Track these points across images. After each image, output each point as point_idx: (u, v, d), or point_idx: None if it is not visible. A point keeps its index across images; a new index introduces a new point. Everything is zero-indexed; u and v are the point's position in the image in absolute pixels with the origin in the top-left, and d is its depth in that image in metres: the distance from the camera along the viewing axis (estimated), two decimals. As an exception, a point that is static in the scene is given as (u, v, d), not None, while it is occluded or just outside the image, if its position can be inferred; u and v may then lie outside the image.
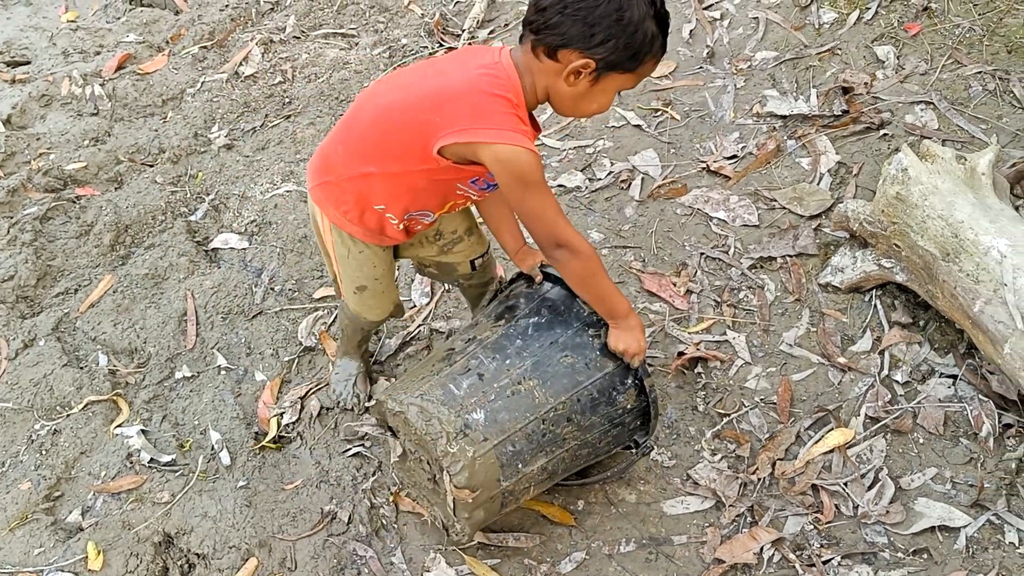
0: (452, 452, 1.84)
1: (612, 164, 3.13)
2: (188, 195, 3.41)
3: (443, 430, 1.85)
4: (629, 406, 2.04)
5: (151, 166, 3.57)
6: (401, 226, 1.99)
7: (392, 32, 4.05)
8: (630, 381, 2.02)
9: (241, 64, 4.03)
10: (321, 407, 2.55)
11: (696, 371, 2.51)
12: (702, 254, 2.78)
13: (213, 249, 3.18)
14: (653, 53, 1.69)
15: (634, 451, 2.12)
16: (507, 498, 1.97)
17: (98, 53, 4.26)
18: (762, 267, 2.72)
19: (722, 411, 2.41)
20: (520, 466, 1.92)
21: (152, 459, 2.50)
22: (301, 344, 2.75)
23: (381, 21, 4.14)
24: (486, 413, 1.89)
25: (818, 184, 2.87)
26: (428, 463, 1.99)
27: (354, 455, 2.44)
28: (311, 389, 2.62)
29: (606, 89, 1.72)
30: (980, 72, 2.93)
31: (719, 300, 2.66)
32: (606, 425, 2.03)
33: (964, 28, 3.08)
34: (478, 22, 3.93)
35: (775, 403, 2.40)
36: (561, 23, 1.62)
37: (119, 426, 2.60)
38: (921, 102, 2.94)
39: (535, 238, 1.82)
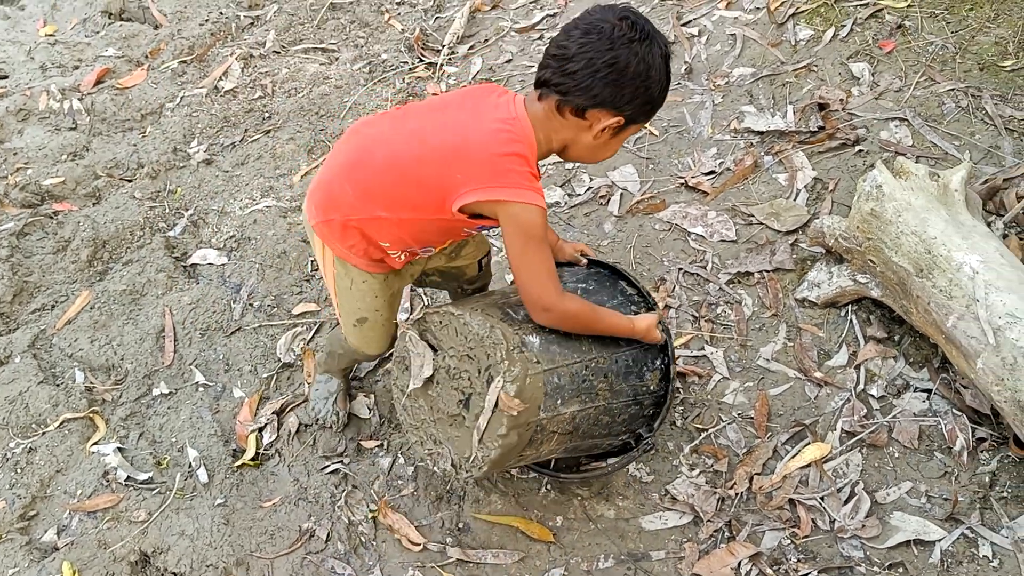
0: (509, 362, 1.81)
1: (591, 180, 3.15)
2: (167, 210, 3.40)
3: (503, 340, 1.82)
4: (652, 387, 2.12)
5: (129, 181, 3.56)
6: (402, 257, 2.02)
7: (372, 47, 4.06)
8: (659, 363, 2.12)
9: (221, 79, 4.02)
10: (300, 424, 2.55)
11: (674, 385, 2.51)
12: (680, 269, 2.80)
13: (192, 265, 3.16)
14: (660, 103, 1.80)
15: (636, 446, 2.15)
16: (535, 435, 1.91)
17: (76, 67, 4.24)
18: (739, 282, 2.74)
19: (700, 426, 2.42)
20: (558, 403, 1.91)
21: (129, 477, 2.48)
22: (280, 360, 2.74)
23: (361, 36, 4.15)
24: (540, 340, 1.91)
25: (795, 200, 2.89)
26: (470, 379, 1.89)
27: (332, 472, 2.43)
28: (289, 404, 2.61)
29: (622, 138, 1.82)
30: (953, 89, 2.96)
31: (697, 315, 2.68)
32: (630, 398, 2.07)
33: (937, 46, 3.12)
34: (458, 38, 3.95)
35: (752, 418, 2.41)
36: (592, 86, 1.66)
37: (95, 444, 2.59)
38: (895, 118, 2.97)
39: (523, 296, 1.83)
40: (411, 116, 1.85)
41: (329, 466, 2.44)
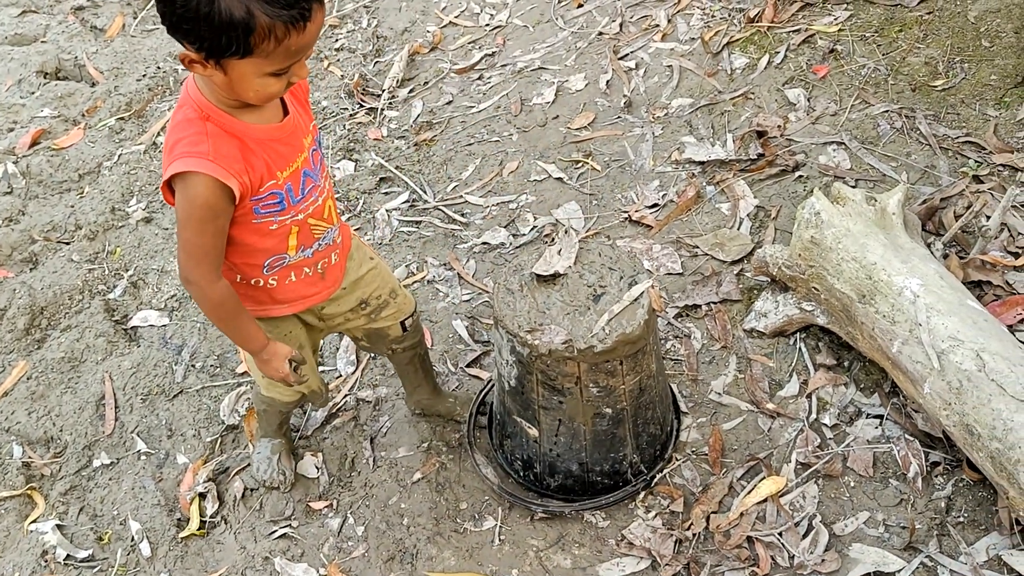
0: (649, 276, 2.12)
1: (535, 219, 3.12)
2: (106, 272, 3.32)
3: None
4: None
5: (67, 244, 3.47)
6: (273, 281, 1.89)
7: (312, 95, 4.02)
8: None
9: (159, 134, 3.96)
10: (245, 488, 2.47)
11: (627, 426, 2.48)
12: (628, 305, 2.77)
13: (132, 327, 3.08)
14: (262, 32, 1.46)
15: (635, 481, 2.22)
16: (640, 353, 2.07)
17: (11, 130, 4.16)
18: (688, 315, 2.72)
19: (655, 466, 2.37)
20: (653, 350, 2.16)
21: (68, 555, 2.39)
22: (223, 423, 2.67)
23: (301, 84, 4.11)
24: None
25: (738, 229, 2.89)
26: (606, 284, 2.06)
27: (280, 537, 2.35)
28: (233, 468, 2.53)
29: (243, 75, 1.53)
30: (887, 111, 2.99)
31: (647, 351, 2.65)
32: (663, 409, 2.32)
33: (869, 68, 3.15)
34: (398, 81, 3.93)
35: (707, 454, 2.38)
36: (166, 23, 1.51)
37: (33, 522, 2.49)
38: (833, 142, 2.98)
39: (179, 267, 1.76)
40: None
41: (276, 531, 2.36)
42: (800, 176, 2.93)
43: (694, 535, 2.20)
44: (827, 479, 2.26)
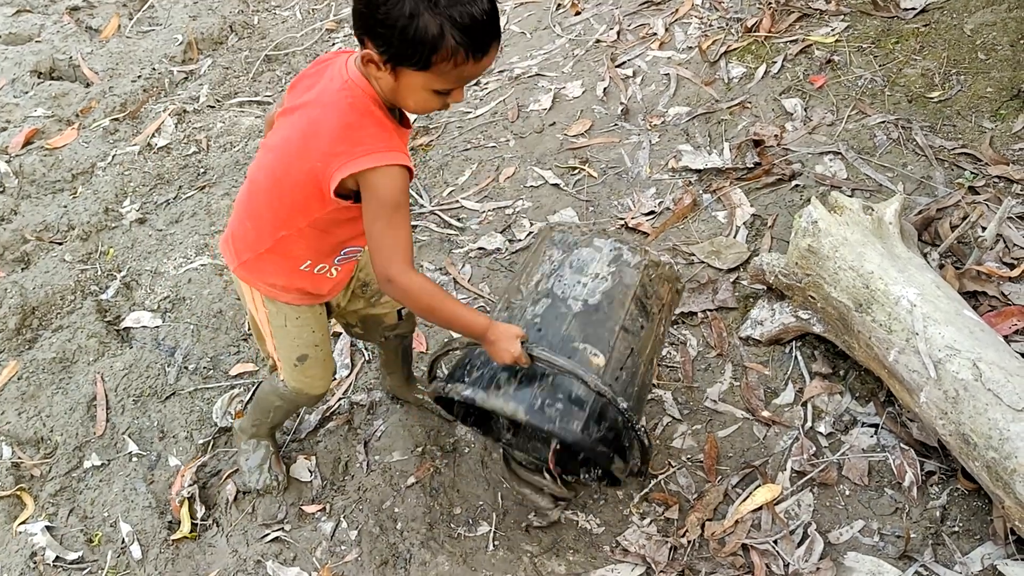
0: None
1: (531, 224, 3.12)
2: (99, 273, 3.30)
3: None
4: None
5: (60, 244, 3.45)
6: (335, 271, 1.96)
7: (308, 98, 4.01)
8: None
9: (154, 135, 3.95)
10: (237, 491, 2.45)
11: (622, 432, 2.47)
12: (624, 312, 2.77)
13: (124, 328, 3.06)
14: (445, 53, 1.54)
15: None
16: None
17: (4, 129, 4.13)
18: (683, 323, 2.72)
19: (650, 472, 2.37)
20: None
21: (58, 557, 2.36)
22: (216, 425, 2.65)
23: (297, 87, 4.10)
24: None
25: (734, 237, 2.89)
26: None
27: (273, 540, 2.33)
28: (225, 471, 2.51)
29: (411, 86, 1.61)
30: (884, 122, 3.00)
31: (642, 358, 2.64)
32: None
33: (866, 79, 3.16)
34: (395, 86, 3.92)
35: (702, 461, 2.37)
36: (354, 16, 1.60)
37: (23, 523, 2.46)
38: (829, 152, 2.99)
39: (372, 263, 1.74)
40: (276, 130, 1.84)
41: (268, 534, 2.35)
42: (797, 185, 2.94)
43: (689, 542, 2.19)
44: (822, 487, 2.25)
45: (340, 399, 2.67)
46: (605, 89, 3.56)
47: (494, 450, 2.45)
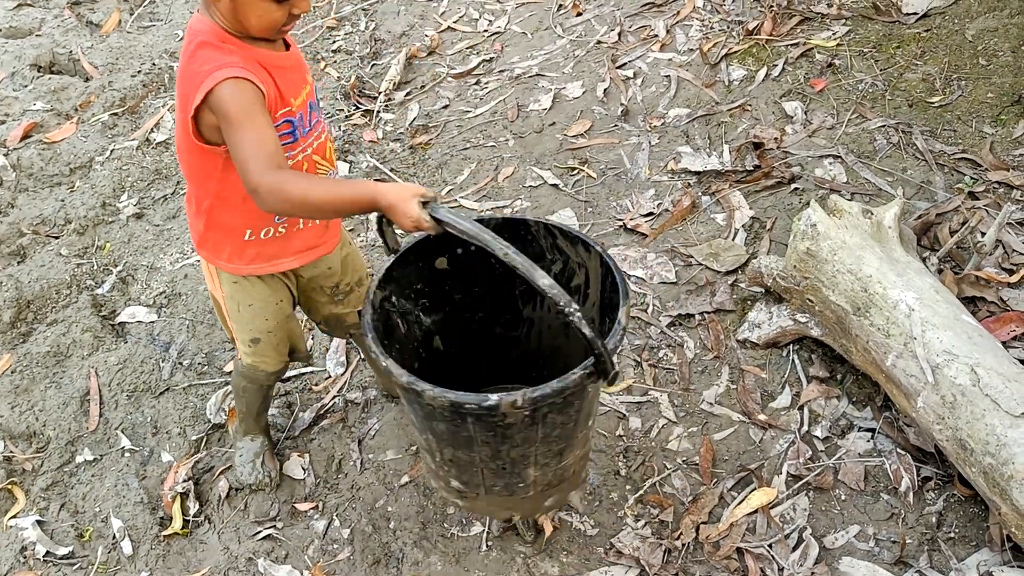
0: None
1: (530, 224, 3.10)
2: (95, 267, 3.28)
3: None
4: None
5: (56, 238, 3.44)
6: (283, 229, 1.91)
7: (308, 95, 4.00)
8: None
9: (152, 130, 3.93)
10: (230, 488, 2.44)
11: (617, 433, 2.46)
12: (621, 313, 2.75)
13: (120, 323, 3.05)
14: None
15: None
16: None
17: (3, 122, 4.12)
18: (681, 324, 2.71)
19: (644, 475, 2.36)
20: None
21: (48, 552, 2.35)
22: (210, 421, 2.63)
23: (297, 85, 4.09)
24: None
25: (733, 239, 2.88)
26: None
27: (265, 538, 2.32)
28: (218, 468, 2.50)
29: (249, 2, 1.62)
30: (884, 126, 2.99)
31: (639, 359, 2.63)
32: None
33: (867, 83, 3.15)
34: (394, 84, 3.92)
35: (698, 464, 2.36)
36: None
37: (13, 517, 2.45)
38: (829, 156, 2.98)
39: (244, 185, 1.64)
40: None
41: (260, 531, 2.33)
42: (796, 188, 2.93)
43: (683, 545, 2.18)
44: (818, 492, 2.24)
45: (335, 397, 2.66)
46: (605, 90, 3.55)
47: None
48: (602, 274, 1.88)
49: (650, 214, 3.04)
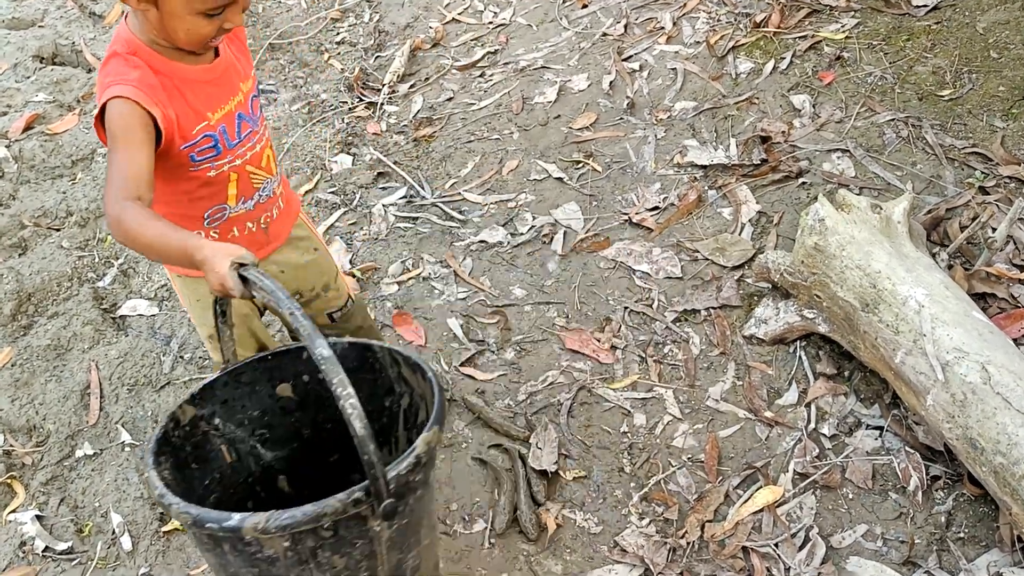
0: None
1: (534, 218, 3.08)
2: (96, 260, 3.26)
3: None
4: None
5: (58, 230, 3.41)
6: (215, 234, 1.85)
7: (311, 87, 3.98)
8: None
9: (155, 123, 3.90)
10: (231, 483, 2.41)
11: (621, 430, 2.43)
12: (626, 308, 2.73)
13: (120, 316, 3.03)
14: None
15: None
16: None
17: (4, 114, 4.09)
18: (686, 320, 2.68)
19: (649, 472, 2.33)
20: None
21: (47, 547, 2.33)
22: (211, 416, 2.61)
23: (300, 76, 4.06)
24: None
25: (740, 234, 2.84)
26: None
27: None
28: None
29: (174, 12, 1.57)
30: (893, 119, 2.95)
31: (644, 355, 2.60)
32: None
33: (876, 76, 3.11)
34: (398, 76, 3.88)
35: (703, 461, 2.33)
36: None
37: (13, 511, 2.43)
38: (837, 150, 2.95)
39: None
40: None
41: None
42: (804, 183, 2.89)
43: (688, 544, 2.15)
44: (825, 490, 2.21)
45: (336, 392, 2.63)
46: (611, 83, 3.51)
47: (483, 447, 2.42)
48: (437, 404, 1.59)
49: (656, 208, 3.01)
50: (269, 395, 1.74)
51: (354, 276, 2.98)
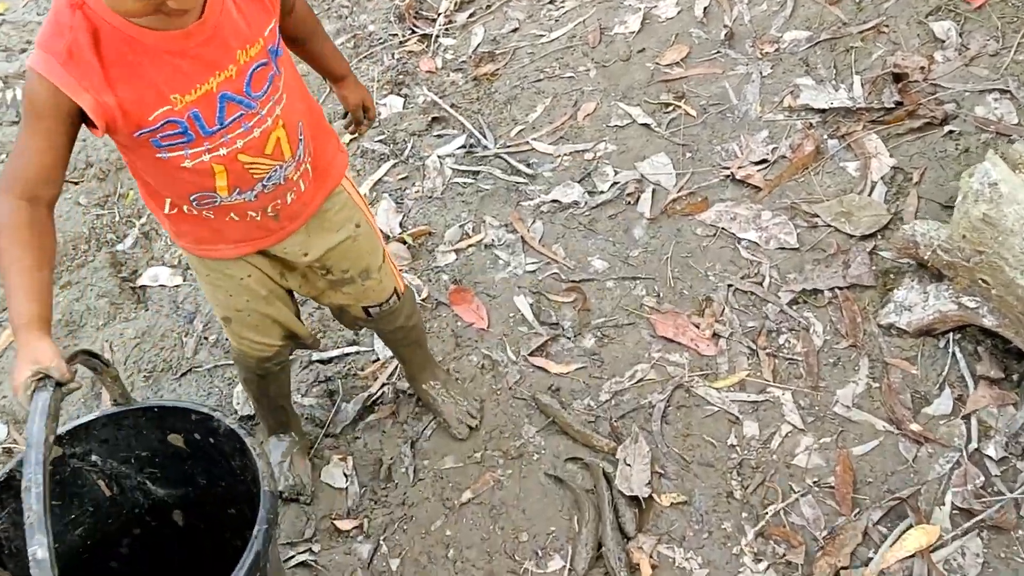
0: None
1: (616, 173, 2.60)
2: (116, 218, 2.88)
3: None
4: None
5: (75, 184, 3.03)
6: (210, 214, 1.50)
7: (358, 18, 3.50)
8: None
9: (184, 60, 3.48)
10: (258, 499, 2.04)
11: (728, 442, 1.99)
12: (730, 286, 2.26)
13: (140, 287, 2.65)
14: None
15: None
16: None
17: (24, 51, 3.72)
18: (806, 302, 2.20)
19: (765, 499, 1.89)
20: None
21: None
22: (237, 413, 2.23)
23: (345, 6, 3.59)
24: None
25: (870, 195, 2.34)
26: None
27: (298, 565, 1.92)
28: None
29: None
30: (1067, 51, 2.39)
31: (754, 346, 2.14)
32: None
33: (1042, -3, 2.53)
34: (456, 4, 3.39)
35: (833, 487, 1.88)
36: None
37: (12, 523, 2.09)
38: (994, 90, 2.40)
39: None
40: None
41: (293, 555, 1.93)
42: (950, 131, 2.36)
43: (819, 597, 1.72)
44: (995, 532, 1.75)
45: (384, 385, 2.23)
46: (705, 8, 2.97)
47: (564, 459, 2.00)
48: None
49: (763, 161, 2.51)
50: (159, 440, 1.59)
51: (404, 242, 2.55)
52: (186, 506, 1.72)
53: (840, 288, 2.19)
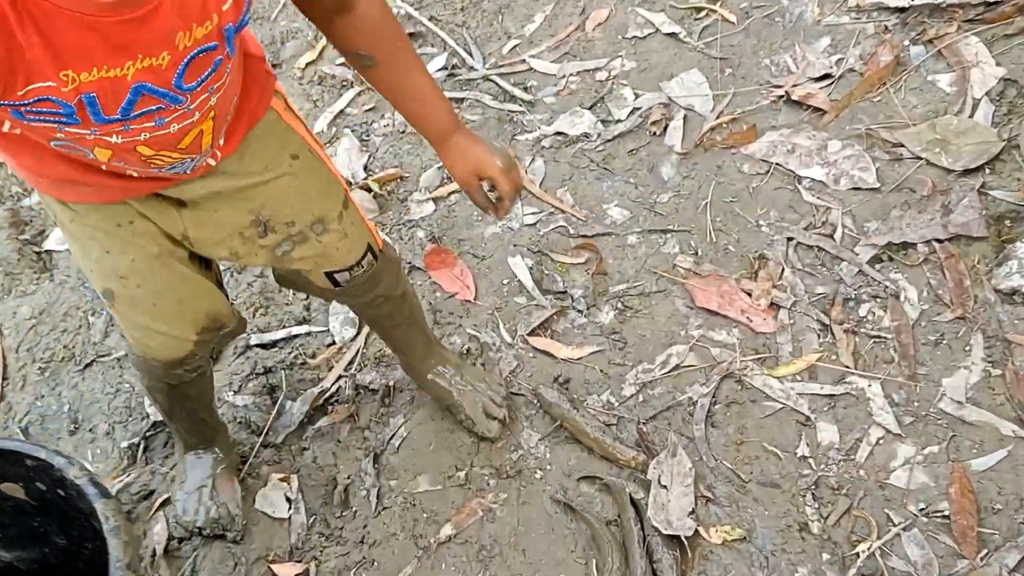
0: None
1: (636, 97, 2.07)
2: (24, 167, 2.36)
3: None
4: None
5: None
6: (95, 155, 1.04)
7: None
8: None
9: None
10: (170, 535, 1.55)
11: (798, 452, 1.48)
12: (790, 239, 1.75)
13: (47, 251, 2.14)
14: None
15: None
16: None
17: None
18: (892, 260, 1.68)
19: (852, 532, 1.38)
20: None
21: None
22: (149, 417, 1.73)
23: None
24: None
25: (971, 116, 1.82)
26: None
27: (221, 628, 1.44)
28: (160, 493, 1.62)
29: None
30: None
31: (827, 320, 1.63)
32: None
33: None
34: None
35: (948, 516, 1.37)
36: None
37: None
38: None
39: None
40: None
41: (217, 613, 1.45)
42: (1077, 30, 1.81)
43: None
44: None
45: (340, 378, 1.71)
46: None
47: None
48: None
49: (826, 76, 1.98)
50: None
51: (370, 190, 2.02)
52: (46, 572, 1.36)
53: (939, 241, 1.67)
